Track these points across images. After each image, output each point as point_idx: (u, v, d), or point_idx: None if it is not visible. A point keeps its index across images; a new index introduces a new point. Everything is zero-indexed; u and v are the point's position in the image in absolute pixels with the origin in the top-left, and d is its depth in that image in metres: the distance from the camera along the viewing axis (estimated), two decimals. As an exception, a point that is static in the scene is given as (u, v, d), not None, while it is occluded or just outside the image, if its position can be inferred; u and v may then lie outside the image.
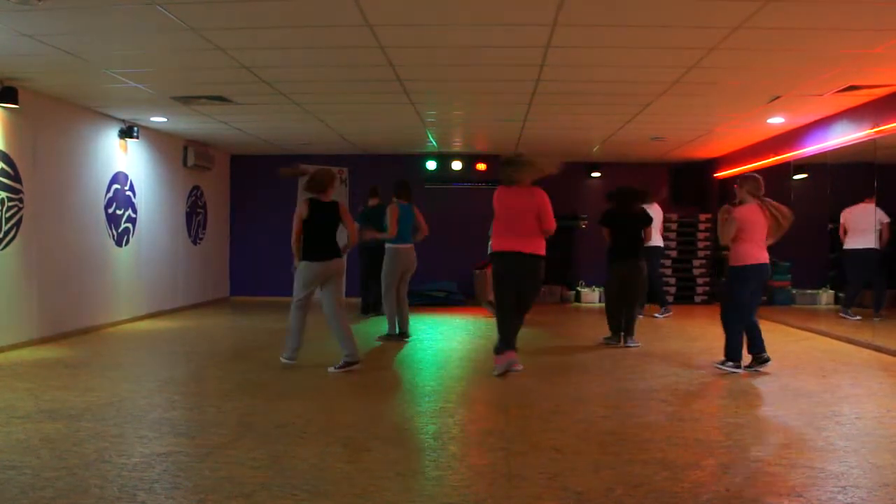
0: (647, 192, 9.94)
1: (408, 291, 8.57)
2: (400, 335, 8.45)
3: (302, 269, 6.60)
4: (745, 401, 5.62)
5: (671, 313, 10.95)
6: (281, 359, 6.77)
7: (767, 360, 6.58)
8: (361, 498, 3.49)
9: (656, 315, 10.82)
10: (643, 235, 8.42)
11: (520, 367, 6.53)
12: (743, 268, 6.53)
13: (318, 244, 6.58)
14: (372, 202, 10.49)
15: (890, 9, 5.09)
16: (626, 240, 8.28)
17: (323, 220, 6.61)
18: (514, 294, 6.46)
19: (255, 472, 3.84)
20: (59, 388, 5.82)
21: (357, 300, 11.18)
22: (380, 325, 9.07)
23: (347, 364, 6.60)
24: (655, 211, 10.68)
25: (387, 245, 8.42)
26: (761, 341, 6.61)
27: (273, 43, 6.11)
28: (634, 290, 8.23)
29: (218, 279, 13.29)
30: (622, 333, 8.20)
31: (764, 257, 6.56)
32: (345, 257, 6.86)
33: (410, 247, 8.42)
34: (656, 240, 10.50)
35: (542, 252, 6.49)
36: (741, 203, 6.63)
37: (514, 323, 6.56)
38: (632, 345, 8.14)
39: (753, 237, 6.52)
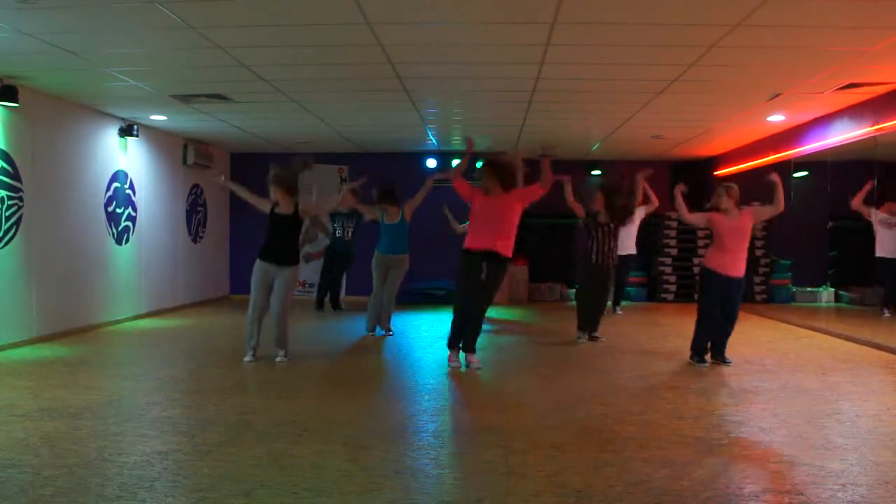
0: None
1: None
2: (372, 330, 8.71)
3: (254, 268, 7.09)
4: (745, 398, 5.62)
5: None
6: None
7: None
8: (361, 496, 3.49)
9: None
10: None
11: (479, 365, 6.70)
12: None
13: (269, 245, 7.05)
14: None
15: (889, 7, 5.09)
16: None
17: (275, 226, 7.06)
18: (478, 293, 6.62)
19: (255, 470, 3.84)
20: (58, 387, 5.82)
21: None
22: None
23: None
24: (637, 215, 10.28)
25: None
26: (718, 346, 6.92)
27: (272, 41, 6.10)
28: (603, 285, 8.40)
29: (218, 277, 13.28)
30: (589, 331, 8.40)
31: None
32: (297, 267, 7.15)
33: (390, 256, 8.53)
34: (629, 247, 10.50)
35: (510, 254, 6.79)
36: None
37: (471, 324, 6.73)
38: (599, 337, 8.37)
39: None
